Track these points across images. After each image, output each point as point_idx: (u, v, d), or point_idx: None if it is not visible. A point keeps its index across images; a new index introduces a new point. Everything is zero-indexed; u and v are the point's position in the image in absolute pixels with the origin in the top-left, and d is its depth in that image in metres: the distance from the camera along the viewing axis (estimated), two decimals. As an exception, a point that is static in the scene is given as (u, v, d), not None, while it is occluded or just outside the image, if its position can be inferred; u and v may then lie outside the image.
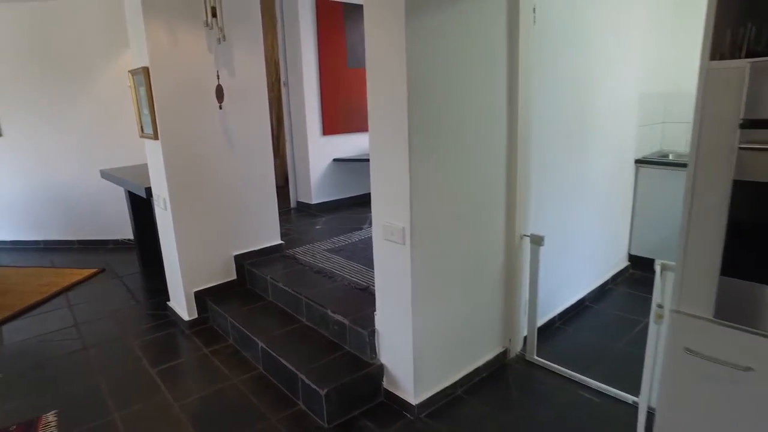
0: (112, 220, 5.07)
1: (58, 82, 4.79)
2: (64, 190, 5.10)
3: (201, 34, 2.89)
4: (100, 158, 4.88)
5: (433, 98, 1.97)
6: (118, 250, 5.03)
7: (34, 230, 5.31)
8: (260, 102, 3.26)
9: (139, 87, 2.90)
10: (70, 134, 4.92)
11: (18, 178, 5.14)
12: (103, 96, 4.75)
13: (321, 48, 4.58)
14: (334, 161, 4.90)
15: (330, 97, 4.72)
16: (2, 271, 4.57)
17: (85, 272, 4.35)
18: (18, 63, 4.80)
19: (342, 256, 3.37)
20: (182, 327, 3.22)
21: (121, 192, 4.52)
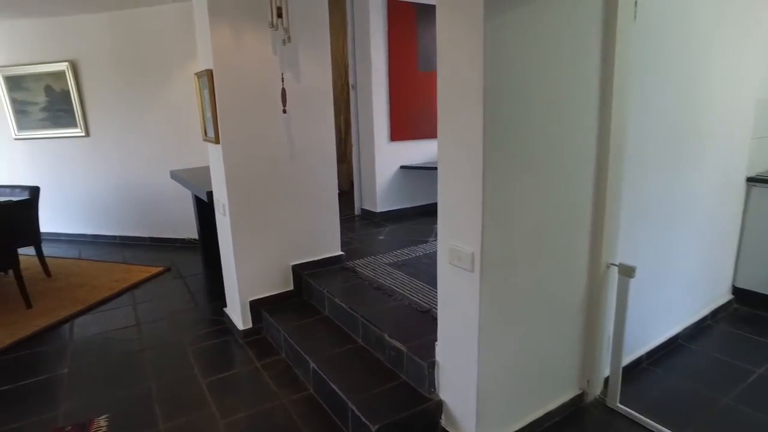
0: (180, 219, 5.18)
1: (139, 86, 4.96)
2: (138, 189, 5.28)
3: (266, 36, 2.79)
4: (172, 159, 4.99)
5: (512, 106, 1.71)
6: (185, 249, 5.12)
7: (111, 226, 5.54)
8: (325, 106, 3.12)
9: (203, 90, 2.85)
10: (146, 136, 5.08)
11: (100, 176, 5.39)
12: (177, 99, 4.84)
13: (391, 50, 4.40)
14: (401, 168, 4.70)
15: (399, 102, 4.53)
16: (82, 263, 4.77)
17: (151, 270, 4.43)
18: (106, 68, 5.01)
19: (404, 272, 3.16)
20: (236, 336, 3.14)
21: (189, 192, 4.58)
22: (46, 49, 5.16)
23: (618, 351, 2.29)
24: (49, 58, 5.14)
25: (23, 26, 5.19)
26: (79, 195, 5.56)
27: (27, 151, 5.63)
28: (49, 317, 3.54)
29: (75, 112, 5.20)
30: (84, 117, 5.22)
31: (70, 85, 5.12)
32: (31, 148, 5.61)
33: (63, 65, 5.08)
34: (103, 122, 5.20)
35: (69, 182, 5.56)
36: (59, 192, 5.65)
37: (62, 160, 5.52)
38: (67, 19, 5.01)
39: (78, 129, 5.27)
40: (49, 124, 5.39)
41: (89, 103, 5.18)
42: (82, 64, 5.09)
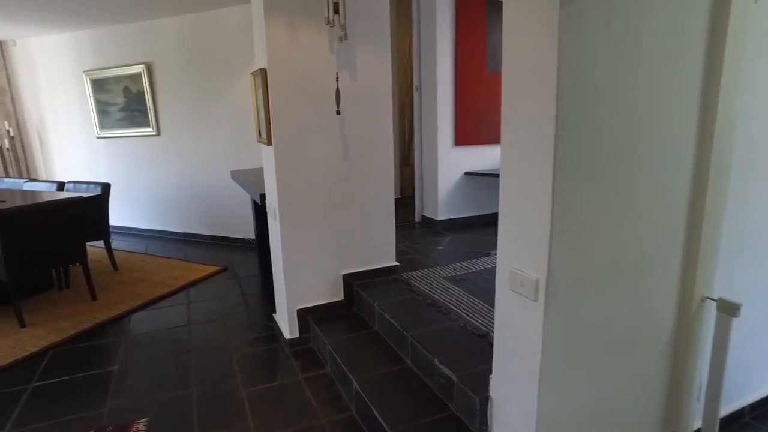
0: (240, 219, 5.21)
1: (205, 87, 5.04)
2: (202, 188, 5.37)
3: (322, 33, 2.65)
4: (234, 159, 5.03)
5: (590, 109, 1.43)
6: (243, 249, 5.14)
7: (177, 222, 5.69)
8: (384, 108, 2.94)
9: (257, 89, 2.76)
10: (210, 135, 5.16)
11: (169, 174, 5.55)
12: (239, 100, 4.87)
13: (459, 49, 4.15)
14: (466, 175, 4.43)
15: (465, 104, 4.27)
16: (147, 259, 4.90)
17: (209, 269, 4.46)
18: (176, 69, 5.15)
19: (462, 288, 2.91)
20: (283, 344, 3.03)
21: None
22: (126, 52, 5.38)
23: (714, 400, 1.92)
24: (128, 61, 5.36)
25: (108, 32, 5.46)
26: (149, 192, 5.77)
27: (106, 148, 5.92)
28: (109, 311, 3.62)
29: (148, 112, 5.39)
30: (156, 117, 5.40)
31: (144, 86, 5.30)
32: (110, 146, 5.89)
33: (139, 67, 5.27)
34: (172, 122, 5.35)
35: (141, 179, 5.78)
36: (132, 188, 5.89)
37: (135, 157, 5.74)
38: (145, 24, 5.20)
39: (150, 128, 5.45)
40: (125, 123, 5.62)
41: (161, 104, 5.35)
42: (156, 66, 5.26)
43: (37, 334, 3.29)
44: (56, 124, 6.24)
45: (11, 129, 6.25)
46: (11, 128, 6.25)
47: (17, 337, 3.26)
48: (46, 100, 6.20)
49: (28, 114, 6.41)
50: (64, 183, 4.56)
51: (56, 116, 6.21)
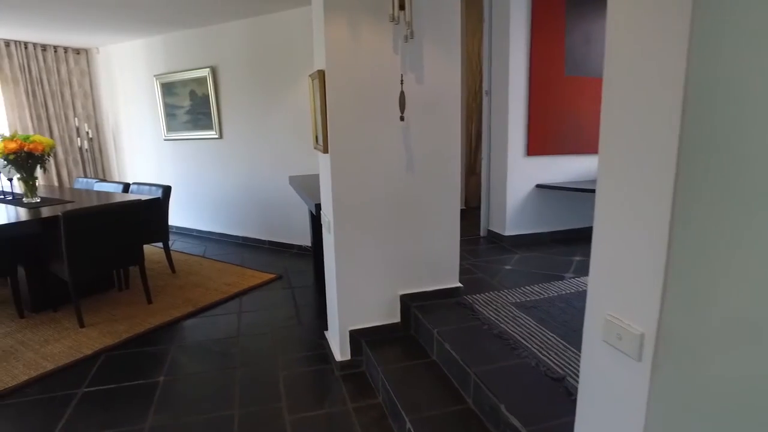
0: (297, 225, 5.10)
1: (267, 90, 4.98)
2: (261, 192, 5.32)
3: (386, 31, 2.42)
4: (293, 164, 4.92)
5: (727, 116, 1.09)
6: (300, 256, 5.01)
7: (235, 226, 5.68)
8: (452, 114, 2.66)
9: (315, 93, 2.57)
10: (271, 140, 5.09)
11: (230, 177, 5.54)
12: (300, 104, 4.75)
13: (534, 51, 3.80)
14: (537, 187, 4.06)
15: (539, 111, 3.90)
16: (204, 262, 4.89)
17: (263, 276, 4.35)
18: (239, 73, 5.13)
19: (533, 318, 2.57)
20: (333, 366, 2.82)
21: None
22: (193, 56, 5.44)
23: None
24: (194, 65, 5.42)
25: (177, 37, 5.55)
26: (211, 194, 5.80)
27: (172, 150, 6.03)
28: (163, 316, 3.57)
29: (212, 115, 5.41)
30: (219, 120, 5.41)
31: (209, 89, 5.33)
32: (175, 148, 5.98)
33: (205, 71, 5.30)
34: (234, 125, 5.34)
35: (203, 181, 5.83)
36: (194, 190, 5.95)
37: (199, 160, 5.79)
38: (212, 28, 5.23)
39: (213, 131, 5.47)
40: (190, 126, 5.69)
41: (224, 107, 5.36)
42: (221, 69, 5.27)
43: (93, 336, 3.28)
44: (129, 126, 6.45)
45: (90, 131, 6.53)
46: (90, 130, 6.53)
47: (75, 338, 3.26)
48: (121, 104, 6.42)
49: (105, 117, 6.67)
50: (130, 184, 4.62)
51: (129, 119, 6.41)
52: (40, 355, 3.05)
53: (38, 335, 3.33)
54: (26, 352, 3.10)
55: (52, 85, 6.13)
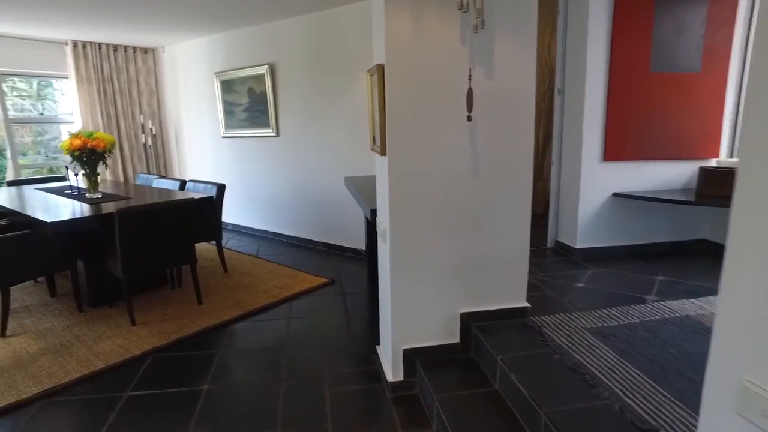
0: (351, 228, 4.93)
1: (324, 88, 4.85)
2: (316, 192, 5.19)
3: (453, 20, 2.18)
4: (350, 164, 4.76)
5: None
6: (354, 260, 4.85)
7: (290, 226, 5.60)
8: (525, 115, 2.37)
9: (373, 89, 2.36)
10: (327, 138, 4.95)
11: (285, 176, 5.47)
12: (358, 102, 4.58)
13: (616, 44, 3.41)
14: (615, 196, 3.67)
15: (620, 111, 3.51)
16: (256, 262, 4.83)
17: (315, 281, 4.21)
18: (297, 70, 5.03)
19: (612, 348, 2.24)
20: (384, 386, 2.61)
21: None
22: (252, 54, 5.40)
23: None
24: (253, 62, 5.38)
25: (237, 35, 5.53)
26: (266, 193, 5.75)
27: (230, 148, 6.04)
28: (211, 318, 3.49)
29: (269, 113, 5.35)
30: (276, 117, 5.34)
31: (267, 86, 5.27)
32: (233, 146, 5.99)
33: (263, 68, 5.25)
34: (290, 123, 5.25)
35: (258, 180, 5.79)
36: (250, 188, 5.93)
37: (255, 158, 5.76)
38: (270, 25, 5.16)
39: (270, 129, 5.41)
40: (248, 124, 5.66)
41: (281, 105, 5.28)
42: (279, 66, 5.19)
43: (143, 335, 3.24)
44: (189, 123, 6.54)
45: (154, 128, 6.68)
46: (154, 127, 6.68)
47: (126, 336, 3.24)
48: (183, 101, 6.52)
49: (168, 114, 6.81)
50: (186, 182, 4.62)
51: (190, 116, 6.50)
52: (92, 353, 3.03)
53: (93, 330, 3.34)
54: (80, 348, 3.09)
55: (121, 84, 6.31)
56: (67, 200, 3.98)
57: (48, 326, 3.44)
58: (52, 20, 4.90)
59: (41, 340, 3.24)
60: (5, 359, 3.00)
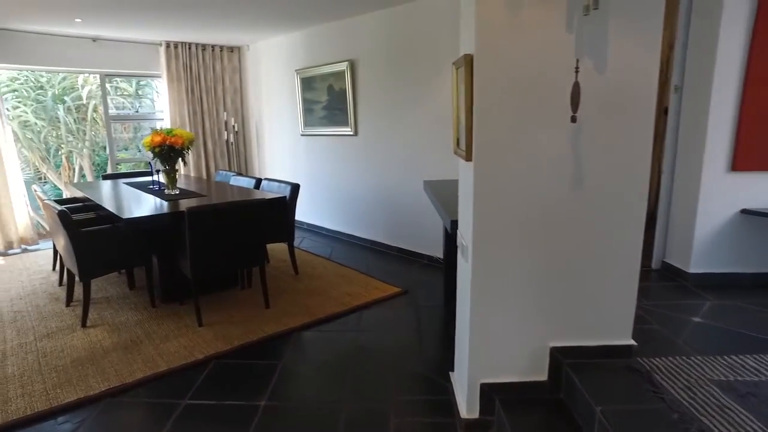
0: (428, 233, 4.64)
1: (406, 85, 4.59)
2: (394, 195, 4.95)
3: (558, 2, 1.81)
4: (429, 167, 4.46)
5: None
6: (430, 269, 4.55)
7: (364, 228, 5.41)
8: (643, 116, 1.95)
9: (459, 84, 2.05)
10: (408, 138, 4.68)
11: (362, 177, 5.28)
12: (443, 100, 4.27)
13: (758, 30, 2.83)
14: (744, 213, 3.07)
15: (757, 113, 2.92)
16: (328, 266, 4.68)
17: (388, 289, 3.96)
18: (378, 66, 4.82)
19: (754, 413, 1.77)
20: (457, 422, 2.29)
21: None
22: (333, 50, 5.27)
23: None
24: (333, 59, 5.24)
25: (317, 31, 5.44)
26: (342, 194, 5.60)
27: (307, 146, 5.97)
28: (277, 324, 3.36)
29: (348, 111, 5.19)
30: (355, 116, 5.16)
31: (347, 83, 5.10)
32: (311, 144, 5.91)
33: (344, 65, 5.09)
34: (370, 122, 5.05)
35: (335, 180, 5.66)
36: (326, 188, 5.82)
37: (333, 157, 5.63)
38: (352, 21, 5.00)
39: (348, 128, 5.24)
40: (326, 122, 5.54)
41: (361, 102, 5.09)
42: (359, 63, 5.01)
43: (207, 338, 3.17)
44: (270, 121, 6.56)
45: (236, 125, 6.79)
46: (236, 124, 6.79)
47: (191, 337, 3.18)
48: (264, 99, 6.56)
49: (250, 112, 6.90)
50: (261, 180, 4.56)
51: (270, 114, 6.52)
52: (158, 352, 2.99)
53: (161, 328, 3.32)
54: (148, 346, 3.07)
55: (207, 82, 6.46)
56: (148, 196, 4.03)
57: (123, 320, 3.47)
58: (149, 23, 5.08)
59: (115, 333, 3.26)
60: (82, 351, 3.04)
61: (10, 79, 6.74)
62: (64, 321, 3.49)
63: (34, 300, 3.93)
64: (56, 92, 6.94)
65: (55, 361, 2.94)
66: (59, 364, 2.90)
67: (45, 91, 6.96)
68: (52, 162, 7.10)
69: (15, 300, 3.95)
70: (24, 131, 6.78)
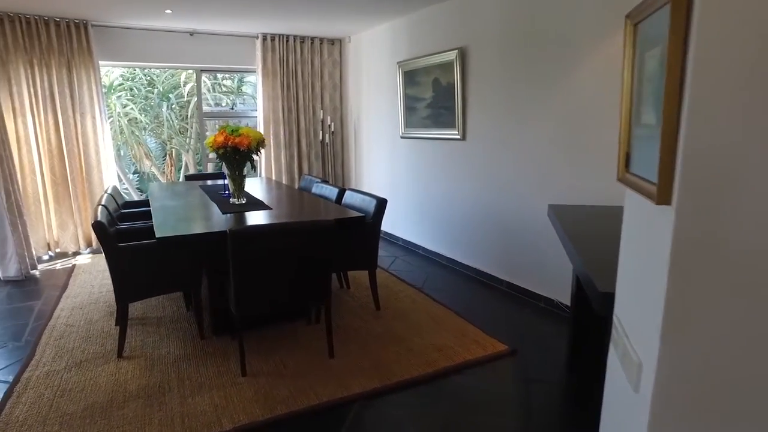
0: (551, 270, 3.53)
1: (529, 78, 3.53)
2: (507, 216, 3.91)
3: None
4: (556, 188, 3.38)
5: None
6: (549, 316, 3.45)
7: (469, 253, 4.42)
8: None
9: (643, 59, 1.04)
10: (529, 148, 3.62)
11: (469, 190, 4.31)
12: (578, 97, 3.15)
13: None
14: None
15: None
16: (419, 300, 3.78)
17: (488, 345, 2.97)
18: (493, 55, 3.81)
19: None
20: None
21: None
22: (440, 37, 4.39)
23: None
24: (440, 48, 4.34)
25: (423, 16, 4.59)
26: (444, 209, 4.67)
27: (407, 150, 5.14)
28: (337, 386, 2.55)
29: (455, 110, 4.25)
30: (463, 116, 4.21)
31: (455, 77, 4.17)
32: (411, 148, 5.07)
33: (452, 54, 4.16)
34: (481, 123, 4.06)
35: (436, 192, 4.74)
36: (426, 201, 4.93)
37: (434, 164, 4.73)
38: (463, 0, 4.05)
39: (455, 130, 4.30)
40: (429, 123, 4.66)
41: (471, 99, 4.13)
42: (471, 51, 4.05)
43: (246, 397, 2.45)
44: (368, 120, 5.85)
45: (333, 124, 6.18)
46: (333, 123, 6.18)
47: (228, 392, 2.50)
48: (364, 96, 5.87)
49: (349, 110, 6.25)
50: (345, 191, 3.81)
51: (369, 113, 5.81)
52: (182, 410, 2.34)
53: (198, 372, 2.69)
54: (174, 399, 2.44)
55: (304, 77, 5.93)
56: (212, 205, 3.48)
57: (162, 353, 2.91)
58: (245, 13, 4.67)
59: (146, 373, 2.69)
60: (101, 394, 2.50)
61: (124, 78, 6.84)
62: (104, 346, 3.02)
63: (91, 312, 3.56)
64: (161, 89, 6.92)
65: (68, 404, 2.41)
66: (69, 410, 2.36)
67: (153, 88, 6.99)
68: (155, 158, 7.12)
69: (75, 310, 3.62)
70: (131, 128, 6.84)
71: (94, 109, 5.01)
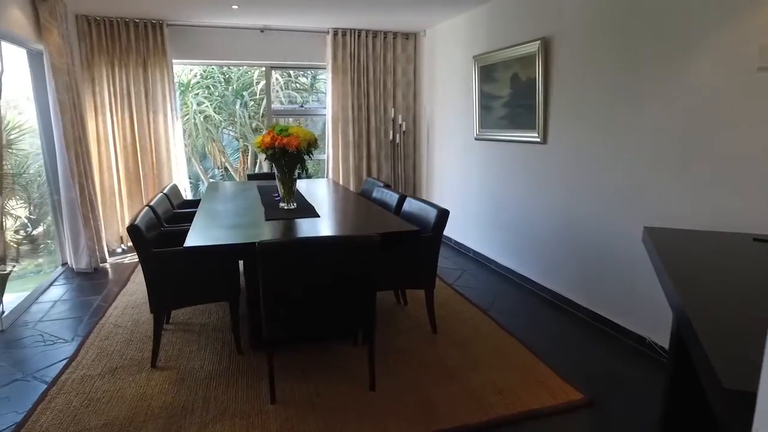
0: (645, 304, 2.93)
1: (626, 72, 2.93)
2: (592, 235, 3.33)
3: None
4: (657, 206, 2.78)
5: None
6: (640, 358, 2.86)
7: (545, 273, 3.88)
8: None
9: None
10: (622, 157, 3.03)
11: (549, 202, 3.77)
12: (690, 96, 2.53)
13: None
14: None
15: None
16: (483, 324, 3.33)
17: (559, 391, 2.46)
18: (582, 44, 3.25)
19: None
20: None
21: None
22: (520, 27, 3.88)
23: None
24: (521, 39, 3.83)
25: (502, 5, 4.09)
26: (519, 221, 4.15)
27: (481, 153, 4.66)
28: (370, 427, 2.20)
29: (536, 109, 3.72)
30: (544, 116, 3.67)
31: (537, 71, 3.65)
32: (485, 151, 4.59)
33: (534, 45, 3.64)
34: (565, 125, 3.51)
35: (513, 201, 4.23)
36: (499, 210, 4.43)
37: (510, 170, 4.22)
38: (555, -23, 3.51)
39: (535, 132, 3.77)
40: (506, 123, 4.16)
41: (554, 97, 3.58)
42: (556, 41, 3.50)
43: (268, 428, 2.17)
44: (442, 120, 5.43)
45: (404, 123, 5.82)
46: (404, 122, 5.83)
47: (252, 422, 2.25)
48: (438, 94, 5.46)
49: (422, 109, 5.87)
50: (405, 198, 3.44)
51: (443, 111, 5.39)
52: (199, 440, 2.10)
53: (226, 394, 2.46)
54: (194, 423, 2.24)
55: (376, 74, 5.64)
56: (260, 209, 3.27)
57: (196, 366, 2.73)
58: (314, 7, 4.49)
59: (174, 388, 2.51)
60: (125, 408, 2.35)
61: (202, 77, 6.97)
62: (143, 352, 2.90)
63: (138, 313, 3.50)
64: (235, 87, 6.96)
65: (90, 417, 2.28)
66: (89, 425, 2.23)
67: (227, 86, 7.06)
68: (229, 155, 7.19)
69: (126, 310, 3.58)
70: (206, 125, 6.95)
71: (166, 107, 5.07)
